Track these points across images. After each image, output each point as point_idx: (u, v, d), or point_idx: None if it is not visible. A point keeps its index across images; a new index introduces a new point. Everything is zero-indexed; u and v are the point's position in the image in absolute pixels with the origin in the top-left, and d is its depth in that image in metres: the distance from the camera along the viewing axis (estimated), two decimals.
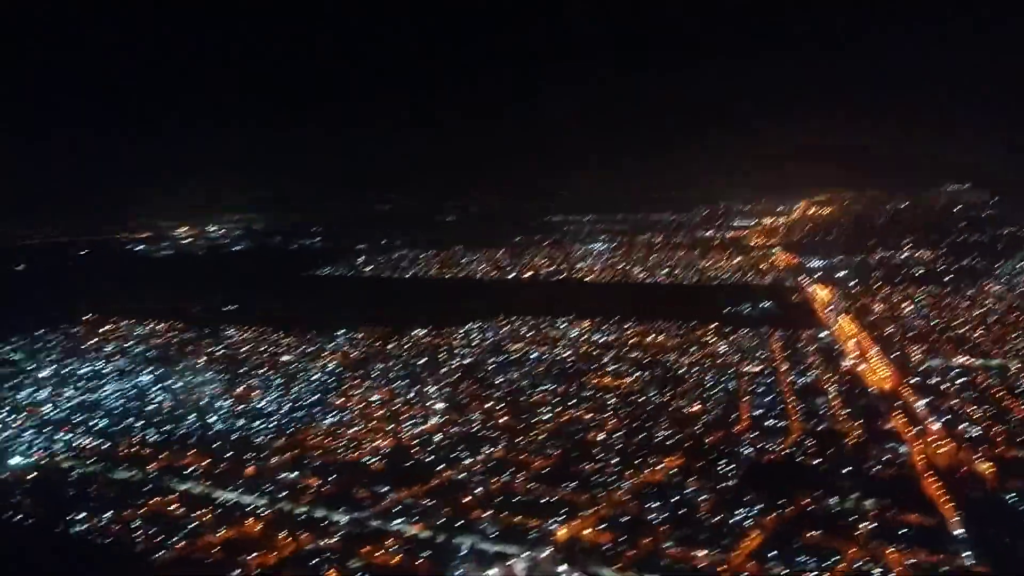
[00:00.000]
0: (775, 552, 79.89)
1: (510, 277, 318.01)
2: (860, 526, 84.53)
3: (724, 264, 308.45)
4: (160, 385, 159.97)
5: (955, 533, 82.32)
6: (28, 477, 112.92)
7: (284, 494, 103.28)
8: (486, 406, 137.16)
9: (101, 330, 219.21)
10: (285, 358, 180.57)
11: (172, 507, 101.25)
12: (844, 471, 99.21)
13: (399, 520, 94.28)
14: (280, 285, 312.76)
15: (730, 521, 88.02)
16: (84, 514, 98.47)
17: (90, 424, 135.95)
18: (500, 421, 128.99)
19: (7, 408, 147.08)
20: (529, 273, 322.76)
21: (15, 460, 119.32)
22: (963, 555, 77.80)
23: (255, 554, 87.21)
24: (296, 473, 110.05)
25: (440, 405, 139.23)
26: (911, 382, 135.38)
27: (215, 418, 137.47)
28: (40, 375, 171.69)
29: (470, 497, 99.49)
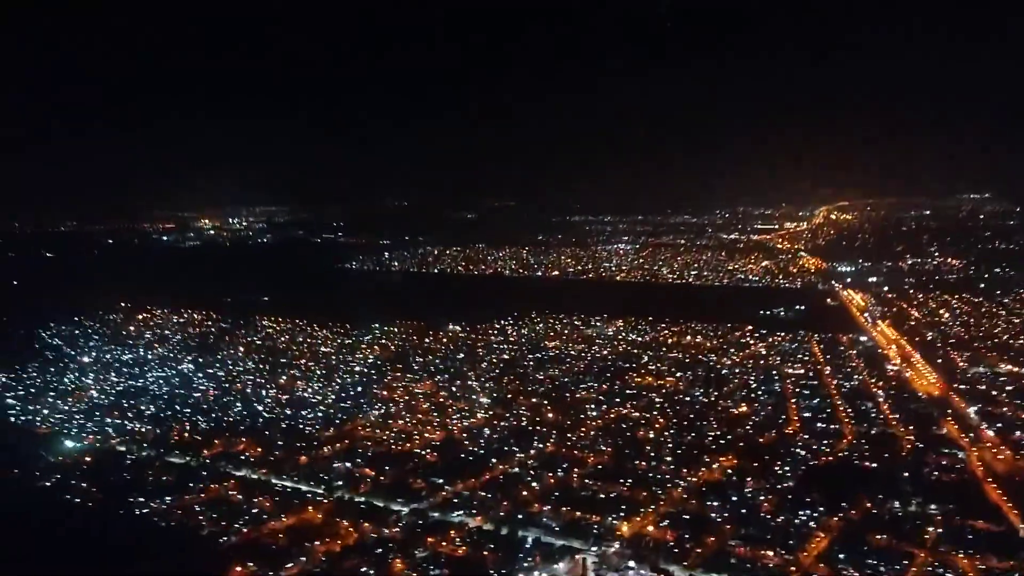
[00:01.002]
0: (844, 554, 79.63)
1: (537, 275, 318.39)
2: (927, 530, 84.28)
3: (752, 267, 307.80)
4: (203, 373, 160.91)
5: None
6: (85, 460, 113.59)
7: (341, 483, 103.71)
8: (531, 401, 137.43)
9: (138, 317, 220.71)
10: (324, 349, 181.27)
11: (232, 493, 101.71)
12: (903, 475, 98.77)
13: (459, 512, 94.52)
14: (309, 277, 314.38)
15: (794, 522, 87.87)
16: (144, 498, 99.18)
17: (139, 409, 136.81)
18: (548, 416, 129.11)
19: (55, 393, 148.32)
20: (556, 272, 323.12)
21: (69, 444, 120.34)
22: None
23: (319, 542, 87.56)
24: (350, 463, 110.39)
25: (485, 399, 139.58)
26: (959, 388, 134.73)
27: (262, 407, 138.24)
28: (84, 360, 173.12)
29: (528, 491, 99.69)
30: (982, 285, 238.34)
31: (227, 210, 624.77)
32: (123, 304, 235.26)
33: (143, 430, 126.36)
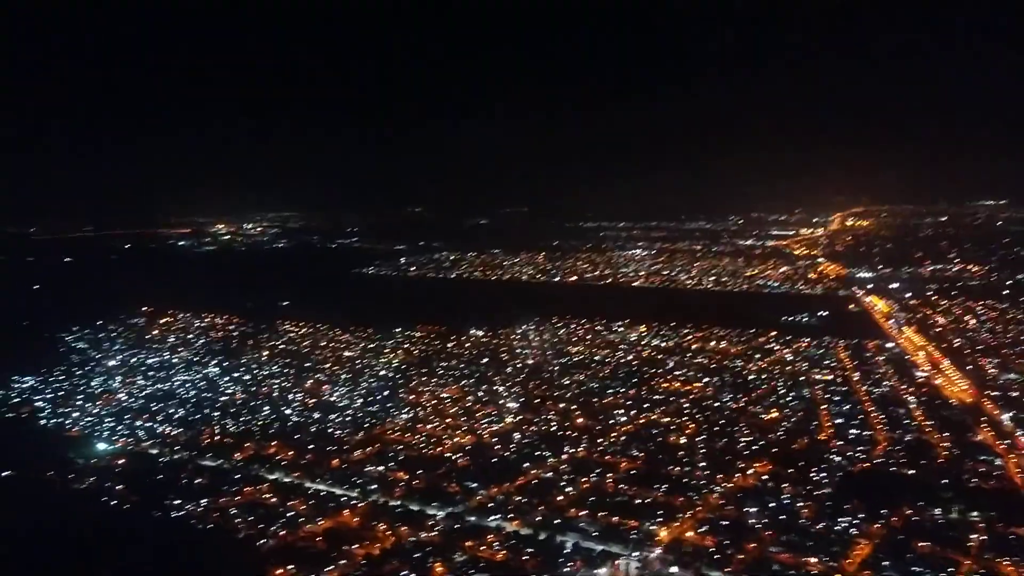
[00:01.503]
0: (888, 562, 78.97)
1: (555, 280, 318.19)
2: (971, 537, 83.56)
3: (771, 273, 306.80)
4: (230, 377, 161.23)
5: None
6: (118, 463, 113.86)
7: (375, 487, 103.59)
8: (559, 406, 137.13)
9: (161, 321, 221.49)
10: (348, 353, 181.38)
11: (266, 496, 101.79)
12: (942, 482, 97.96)
13: (496, 516, 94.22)
14: (328, 282, 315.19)
15: (835, 529, 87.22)
16: (180, 500, 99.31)
17: (168, 413, 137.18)
18: (577, 422, 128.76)
19: (84, 395, 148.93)
20: (574, 277, 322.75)
21: (101, 446, 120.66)
22: None
23: (357, 545, 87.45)
24: (383, 467, 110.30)
25: (513, 404, 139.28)
26: (990, 394, 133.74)
27: (290, 410, 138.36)
28: (109, 364, 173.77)
29: (563, 496, 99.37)
30: (1005, 292, 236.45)
31: (242, 216, 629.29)
32: (144, 308, 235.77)
33: (173, 433, 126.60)
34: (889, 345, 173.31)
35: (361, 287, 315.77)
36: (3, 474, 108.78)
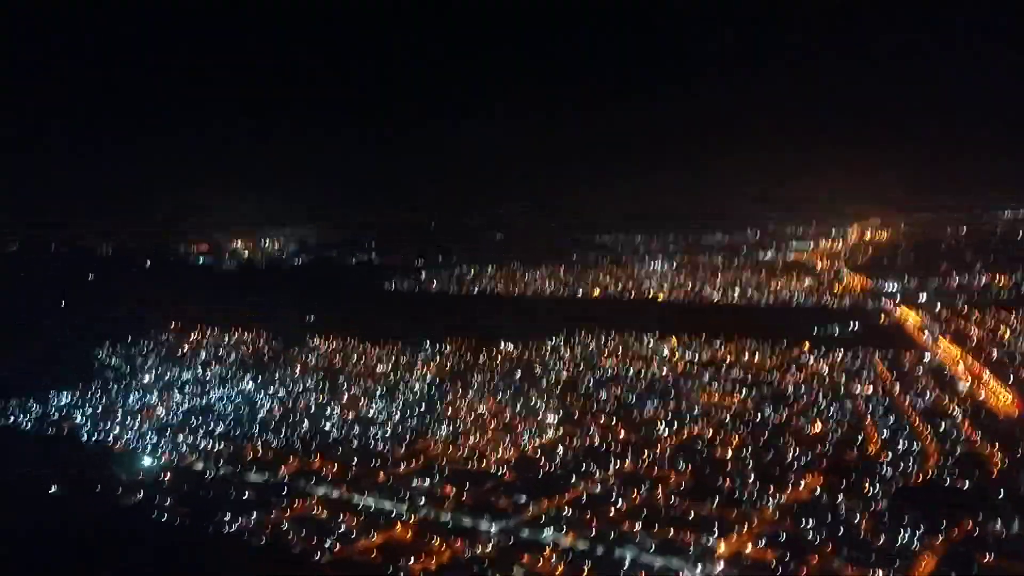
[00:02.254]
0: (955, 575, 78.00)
1: (579, 295, 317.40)
2: None
3: (796, 285, 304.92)
4: (264, 392, 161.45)
5: None
6: (164, 477, 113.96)
7: (424, 501, 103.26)
8: (600, 420, 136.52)
9: (191, 338, 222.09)
10: (380, 368, 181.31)
11: (316, 511, 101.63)
12: (998, 495, 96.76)
13: (549, 530, 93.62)
14: (352, 298, 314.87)
15: (896, 543, 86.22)
16: (231, 515, 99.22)
17: (208, 428, 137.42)
18: (619, 435, 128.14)
19: (122, 411, 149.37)
20: (597, 290, 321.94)
21: (147, 461, 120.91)
22: None
23: (414, 560, 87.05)
24: (429, 481, 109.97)
25: (552, 418, 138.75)
26: None
27: (329, 425, 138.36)
28: (144, 380, 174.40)
29: (614, 510, 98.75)
30: None
31: (259, 230, 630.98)
32: (173, 325, 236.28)
33: (216, 448, 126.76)
34: (927, 357, 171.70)
35: (385, 302, 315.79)
36: (51, 490, 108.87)
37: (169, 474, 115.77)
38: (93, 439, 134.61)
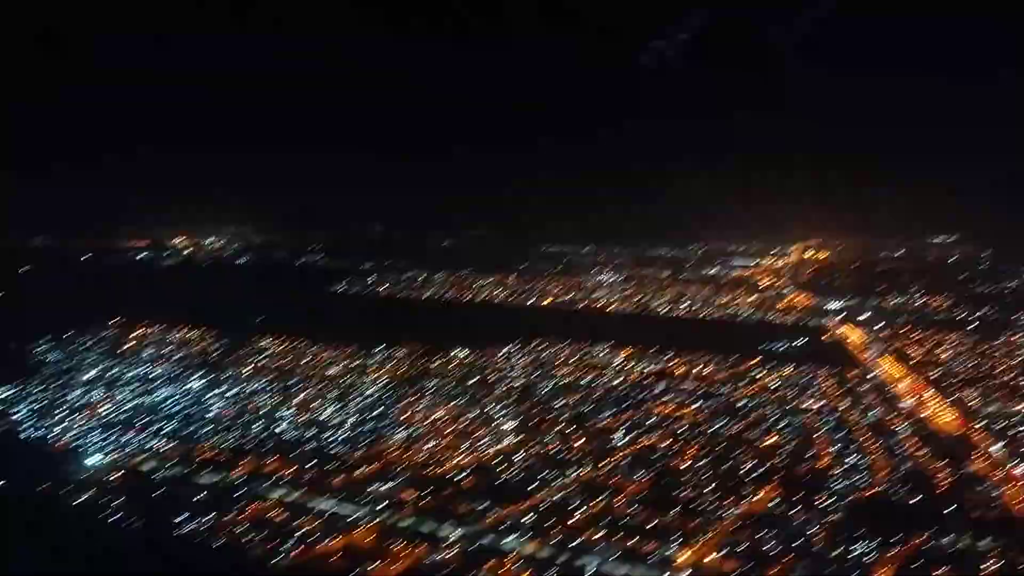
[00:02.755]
0: None
1: (530, 303, 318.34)
2: (987, 565, 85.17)
3: (742, 300, 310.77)
4: (213, 392, 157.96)
5: None
6: (112, 478, 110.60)
7: (383, 505, 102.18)
8: (556, 428, 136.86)
9: (133, 334, 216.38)
10: (332, 371, 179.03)
11: (272, 513, 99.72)
12: (946, 510, 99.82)
13: (512, 536, 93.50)
14: (300, 299, 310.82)
15: (852, 554, 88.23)
16: (184, 516, 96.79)
17: (156, 427, 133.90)
18: (576, 444, 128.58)
19: (65, 408, 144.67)
20: (547, 299, 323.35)
21: (93, 459, 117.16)
22: None
23: (376, 564, 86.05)
24: (387, 485, 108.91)
25: (508, 425, 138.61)
26: (978, 426, 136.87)
27: (282, 427, 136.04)
28: (85, 377, 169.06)
29: (575, 517, 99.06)
30: (972, 325, 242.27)
31: (201, 229, 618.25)
32: (114, 320, 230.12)
33: (164, 448, 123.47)
34: (870, 375, 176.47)
35: (335, 304, 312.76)
36: None
37: (117, 474, 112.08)
38: (32, 436, 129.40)
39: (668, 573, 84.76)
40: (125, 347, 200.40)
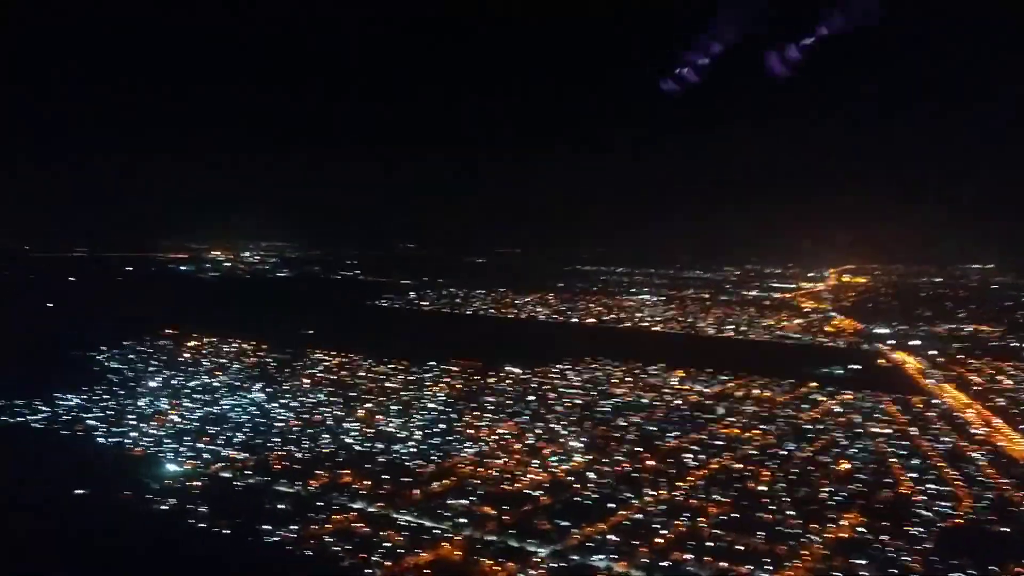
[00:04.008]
0: None
1: (574, 321, 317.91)
2: None
3: (789, 324, 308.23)
4: (278, 402, 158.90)
5: None
6: (194, 484, 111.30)
7: (464, 520, 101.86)
8: (623, 448, 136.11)
9: (189, 344, 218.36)
10: (390, 384, 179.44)
11: (356, 525, 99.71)
12: None
13: (599, 556, 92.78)
14: (345, 313, 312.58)
15: None
16: (269, 526, 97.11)
17: (228, 436, 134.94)
18: (648, 464, 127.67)
19: (134, 416, 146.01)
20: (591, 319, 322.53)
21: (171, 467, 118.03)
22: None
23: None
24: (465, 500, 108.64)
25: (576, 443, 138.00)
26: None
27: (350, 440, 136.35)
28: (151, 385, 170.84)
29: (660, 538, 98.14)
30: None
31: (235, 243, 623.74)
32: (167, 330, 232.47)
33: (240, 457, 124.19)
34: (935, 401, 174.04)
35: (380, 319, 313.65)
36: (77, 492, 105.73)
37: (197, 481, 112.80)
38: (108, 444, 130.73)
39: None
40: (183, 357, 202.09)
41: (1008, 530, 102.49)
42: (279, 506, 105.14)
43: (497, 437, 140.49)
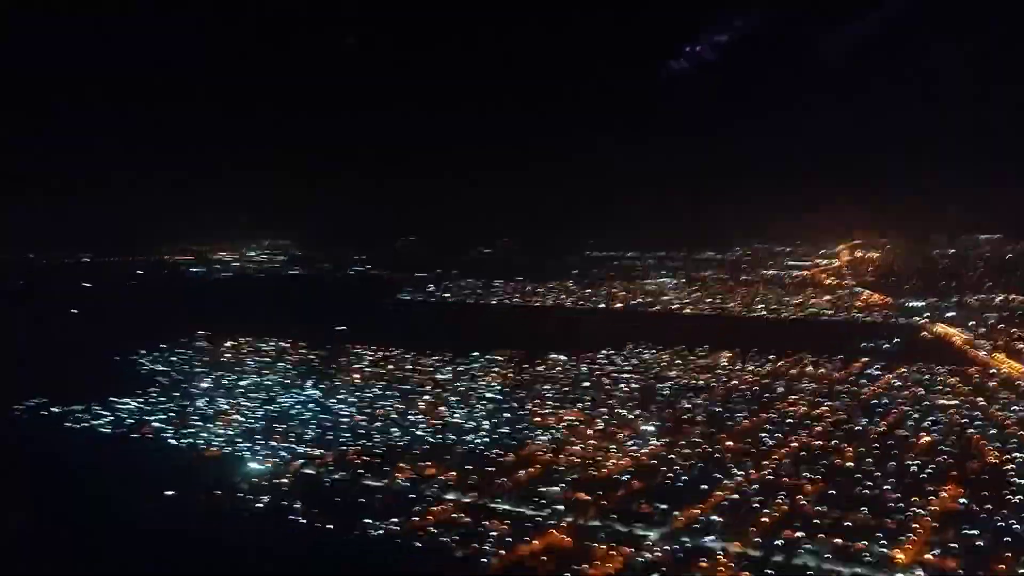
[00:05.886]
0: None
1: (602, 307, 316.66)
2: None
3: (818, 300, 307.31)
4: (336, 398, 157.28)
5: None
6: (280, 482, 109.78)
7: (562, 507, 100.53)
8: (697, 429, 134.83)
9: (227, 345, 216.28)
10: (441, 376, 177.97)
11: (456, 516, 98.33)
12: None
13: (708, 537, 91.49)
14: (372, 309, 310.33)
15: None
16: (371, 520, 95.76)
17: (298, 433, 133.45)
18: (727, 444, 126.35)
19: (198, 416, 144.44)
20: (618, 305, 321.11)
21: (253, 466, 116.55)
22: None
23: (587, 566, 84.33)
24: (556, 487, 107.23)
25: (647, 427, 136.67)
26: None
27: (420, 432, 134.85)
28: (202, 385, 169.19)
29: (766, 518, 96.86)
30: None
31: (236, 242, 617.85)
32: (201, 332, 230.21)
33: (317, 453, 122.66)
34: (992, 371, 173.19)
35: (407, 313, 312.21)
36: (167, 493, 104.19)
37: (283, 479, 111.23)
38: (181, 445, 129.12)
39: (888, 571, 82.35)
40: (225, 358, 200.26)
41: None
42: (376, 499, 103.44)
43: (566, 424, 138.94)
